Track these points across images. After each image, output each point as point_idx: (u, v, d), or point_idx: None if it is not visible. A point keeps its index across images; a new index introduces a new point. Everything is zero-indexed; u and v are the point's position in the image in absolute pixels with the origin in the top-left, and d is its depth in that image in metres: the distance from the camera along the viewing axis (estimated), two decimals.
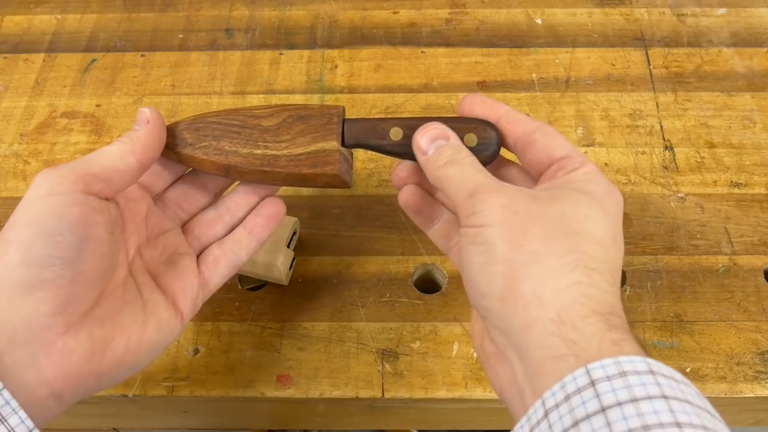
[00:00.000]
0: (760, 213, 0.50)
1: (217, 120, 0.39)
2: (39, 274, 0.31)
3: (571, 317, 0.29)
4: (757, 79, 0.58)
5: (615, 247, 0.32)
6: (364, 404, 0.44)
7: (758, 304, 0.46)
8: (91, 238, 0.33)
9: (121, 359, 0.34)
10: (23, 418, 0.30)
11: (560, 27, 0.62)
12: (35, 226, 0.31)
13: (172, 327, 0.37)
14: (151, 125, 0.37)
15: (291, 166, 0.38)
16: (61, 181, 0.32)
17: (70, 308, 0.32)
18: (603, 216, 0.32)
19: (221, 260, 0.39)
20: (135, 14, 0.64)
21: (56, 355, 0.31)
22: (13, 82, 0.59)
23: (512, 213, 0.32)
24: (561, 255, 0.31)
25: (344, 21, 0.63)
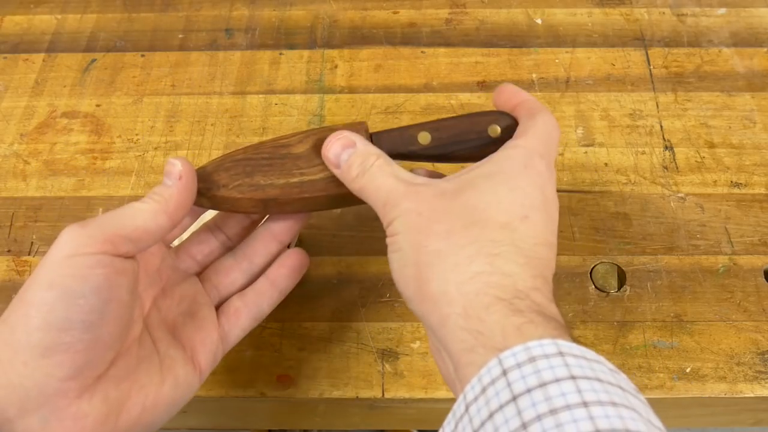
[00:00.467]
0: (760, 213, 0.50)
1: (245, 157, 0.38)
2: (58, 337, 0.29)
3: (475, 309, 0.30)
4: (757, 79, 0.58)
5: (526, 224, 0.32)
6: (364, 404, 0.44)
7: (758, 304, 0.46)
8: (114, 301, 0.31)
9: (138, 420, 0.33)
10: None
11: (560, 27, 0.62)
12: (58, 287, 0.30)
13: (190, 383, 0.35)
14: (183, 182, 0.35)
15: (331, 188, 0.37)
16: (88, 242, 0.31)
17: (86, 372, 0.31)
18: (509, 194, 0.32)
19: (242, 313, 0.38)
20: (135, 14, 0.64)
21: (69, 420, 0.30)
22: (13, 82, 0.59)
23: (417, 215, 0.32)
24: (462, 247, 0.31)
25: (344, 21, 0.63)
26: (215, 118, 0.56)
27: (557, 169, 0.52)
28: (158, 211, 0.34)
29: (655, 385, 0.43)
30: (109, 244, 0.31)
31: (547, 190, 0.34)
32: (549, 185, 0.34)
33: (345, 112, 0.56)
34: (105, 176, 0.53)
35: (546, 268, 0.32)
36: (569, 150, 0.54)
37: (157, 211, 0.34)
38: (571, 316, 0.46)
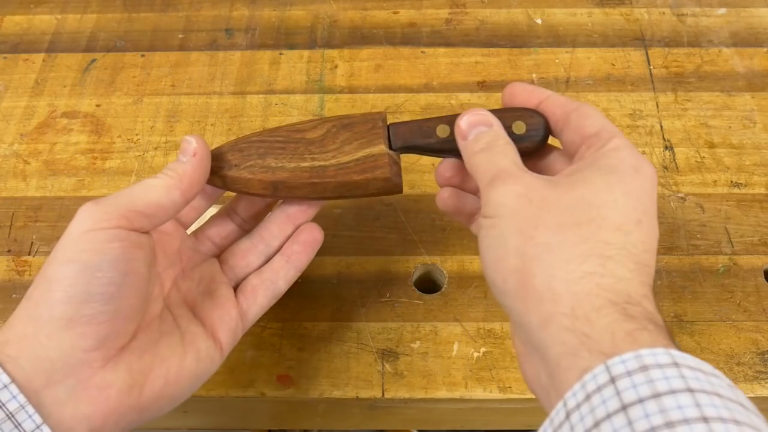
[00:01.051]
0: (760, 213, 0.50)
1: (260, 139, 0.38)
2: (80, 309, 0.31)
3: (584, 310, 0.28)
4: (757, 79, 0.58)
5: (639, 229, 0.31)
6: (364, 404, 0.44)
7: (758, 304, 0.46)
8: (131, 273, 0.32)
9: (161, 392, 0.33)
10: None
11: (560, 27, 0.62)
12: (76, 262, 0.31)
13: (212, 357, 0.36)
14: (198, 158, 0.36)
15: (341, 174, 0.37)
16: (103, 217, 0.32)
17: (109, 343, 0.32)
18: (625, 197, 0.31)
19: (259, 290, 0.39)
20: (135, 14, 0.64)
21: (94, 390, 0.31)
22: (13, 82, 0.59)
23: (527, 202, 0.31)
24: (574, 245, 0.30)
25: (344, 21, 0.63)
26: (215, 118, 0.56)
27: None
28: (171, 187, 0.34)
29: None
30: (124, 219, 0.32)
31: (655, 195, 0.33)
32: (655, 190, 0.33)
33: (345, 112, 0.56)
34: (105, 176, 0.53)
35: (651, 277, 0.31)
36: None
37: (171, 186, 0.34)
38: None
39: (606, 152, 0.33)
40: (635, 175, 0.32)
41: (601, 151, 0.33)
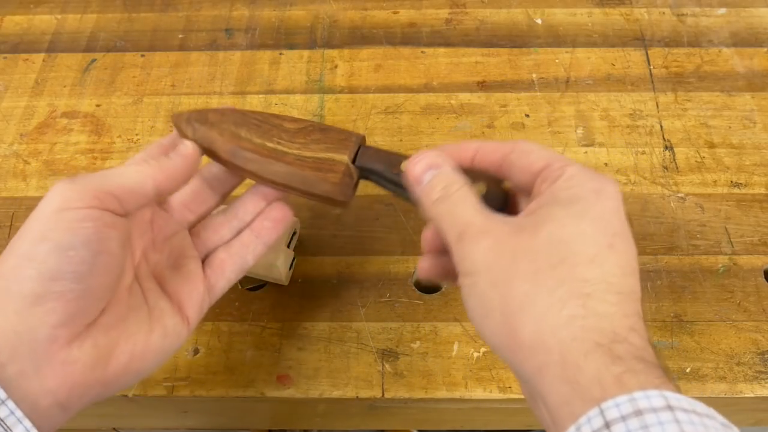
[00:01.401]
0: (760, 213, 0.50)
1: (243, 112, 0.40)
2: (49, 287, 0.31)
3: (573, 356, 0.28)
4: (757, 79, 0.58)
5: (614, 254, 0.31)
6: (364, 404, 0.44)
7: (758, 304, 0.46)
8: (104, 253, 0.32)
9: (127, 367, 0.33)
10: (28, 427, 0.30)
11: (560, 27, 0.62)
12: (49, 240, 0.31)
13: (179, 333, 0.36)
14: (186, 161, 0.36)
15: (296, 164, 0.38)
16: (75, 196, 0.32)
17: (76, 320, 0.32)
18: (591, 226, 0.31)
19: (227, 264, 0.39)
20: (135, 14, 0.64)
21: (59, 365, 0.31)
22: (13, 82, 0.59)
23: (499, 255, 0.31)
24: (553, 290, 0.29)
25: (344, 21, 0.63)
26: None
27: None
28: (146, 176, 0.35)
29: None
30: (96, 200, 0.32)
31: (623, 212, 0.32)
32: (621, 206, 0.33)
33: (345, 112, 0.56)
34: None
35: (637, 301, 0.31)
36: (569, 150, 0.54)
37: (145, 176, 0.35)
38: None
39: (563, 183, 0.32)
40: (597, 198, 0.32)
41: (557, 184, 0.32)
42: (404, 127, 0.55)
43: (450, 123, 0.55)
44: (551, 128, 0.55)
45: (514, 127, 0.55)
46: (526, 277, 0.30)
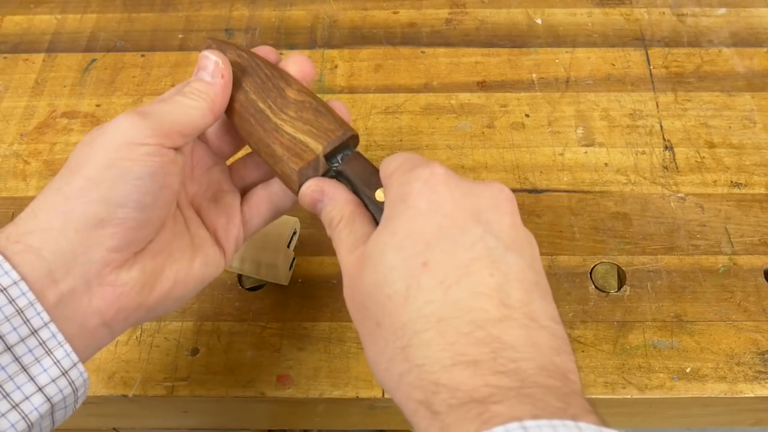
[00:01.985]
0: (760, 213, 0.50)
1: (260, 61, 0.39)
2: (114, 212, 0.32)
3: (410, 417, 0.28)
4: (757, 79, 0.58)
5: (429, 271, 0.28)
6: (364, 404, 0.44)
7: (758, 304, 0.46)
8: (166, 187, 0.33)
9: (169, 292, 0.35)
10: (68, 351, 0.31)
11: (560, 27, 0.62)
12: (118, 168, 0.32)
13: (217, 263, 0.37)
14: (226, 80, 0.36)
15: (272, 136, 0.37)
16: (148, 133, 0.33)
17: (131, 247, 0.33)
18: (399, 250, 0.29)
19: (264, 202, 0.39)
20: (135, 14, 0.64)
21: (109, 287, 0.32)
22: (13, 82, 0.59)
23: (354, 314, 0.32)
24: (383, 350, 0.29)
25: (344, 21, 0.63)
26: None
27: (557, 170, 0.52)
28: (206, 111, 0.35)
29: (655, 385, 0.43)
30: (166, 137, 0.33)
31: (444, 203, 0.30)
32: (445, 194, 0.30)
33: None
34: None
35: (470, 310, 0.28)
36: (569, 150, 0.54)
37: (206, 110, 0.35)
38: (571, 316, 0.46)
39: (385, 199, 0.32)
40: (405, 206, 0.30)
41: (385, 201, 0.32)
42: (404, 127, 0.55)
43: (450, 123, 0.55)
44: (551, 128, 0.55)
45: (514, 127, 0.55)
46: (368, 339, 0.31)
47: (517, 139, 0.54)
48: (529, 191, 0.52)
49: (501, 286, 0.28)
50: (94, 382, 0.44)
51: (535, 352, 0.27)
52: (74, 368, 0.31)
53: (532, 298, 0.29)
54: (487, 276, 0.28)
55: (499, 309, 0.28)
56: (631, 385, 0.43)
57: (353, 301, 0.32)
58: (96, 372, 0.44)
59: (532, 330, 0.28)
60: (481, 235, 0.29)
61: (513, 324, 0.28)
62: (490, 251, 0.29)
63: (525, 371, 0.26)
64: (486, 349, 0.27)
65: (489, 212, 0.30)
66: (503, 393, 0.25)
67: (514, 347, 0.27)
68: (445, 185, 0.30)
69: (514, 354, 0.27)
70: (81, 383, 0.32)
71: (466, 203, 0.30)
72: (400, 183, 0.31)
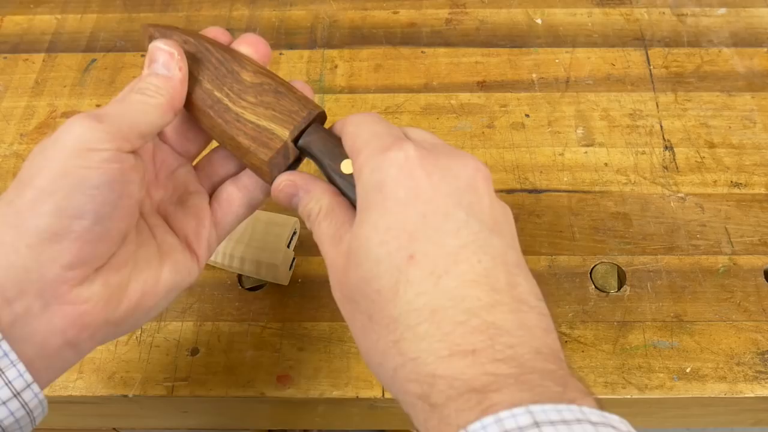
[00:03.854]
0: (760, 213, 0.50)
1: (209, 44, 0.36)
2: (68, 225, 0.29)
3: (408, 408, 0.27)
4: (757, 79, 0.58)
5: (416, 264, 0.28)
6: (364, 404, 0.44)
7: (758, 304, 0.46)
8: (126, 196, 0.31)
9: (138, 303, 0.32)
10: (21, 371, 0.29)
11: (560, 27, 0.62)
12: (73, 176, 0.29)
13: (189, 269, 0.35)
14: (183, 73, 0.34)
15: (234, 126, 0.35)
16: (104, 137, 0.30)
17: (88, 263, 0.30)
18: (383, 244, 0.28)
19: (234, 198, 0.37)
20: (135, 14, 0.64)
21: (69, 305, 0.30)
22: (13, 82, 0.59)
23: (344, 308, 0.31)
24: (375, 344, 0.28)
25: (344, 21, 0.63)
26: None
27: (557, 170, 0.52)
28: (166, 108, 0.33)
29: (655, 385, 0.43)
30: (124, 141, 0.31)
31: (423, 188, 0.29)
32: (423, 178, 0.29)
33: (345, 112, 0.56)
34: None
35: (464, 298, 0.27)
36: (569, 150, 0.54)
37: (165, 107, 0.33)
38: (571, 316, 0.46)
39: (358, 185, 0.30)
40: (381, 199, 0.29)
41: (357, 185, 0.31)
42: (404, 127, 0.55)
43: (450, 123, 0.55)
44: (551, 128, 0.55)
45: (514, 127, 0.55)
46: (361, 334, 0.30)
47: (517, 139, 0.54)
48: (529, 191, 0.52)
49: (489, 272, 0.28)
50: (94, 382, 0.44)
51: (528, 336, 0.27)
52: (28, 389, 0.29)
53: (518, 281, 0.28)
54: (475, 263, 0.28)
55: (490, 295, 0.27)
56: (631, 385, 0.43)
57: (342, 295, 0.31)
58: (96, 372, 0.44)
59: (523, 313, 0.28)
60: (465, 220, 0.28)
61: (504, 309, 0.27)
62: (475, 236, 0.28)
63: (522, 356, 0.26)
64: (483, 336, 0.27)
65: (468, 194, 0.29)
66: (502, 381, 0.25)
67: (509, 332, 0.27)
68: (421, 168, 0.29)
69: (510, 339, 0.27)
70: (36, 404, 0.30)
71: (445, 187, 0.29)
72: (371, 168, 0.30)
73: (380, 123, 0.33)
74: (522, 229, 0.50)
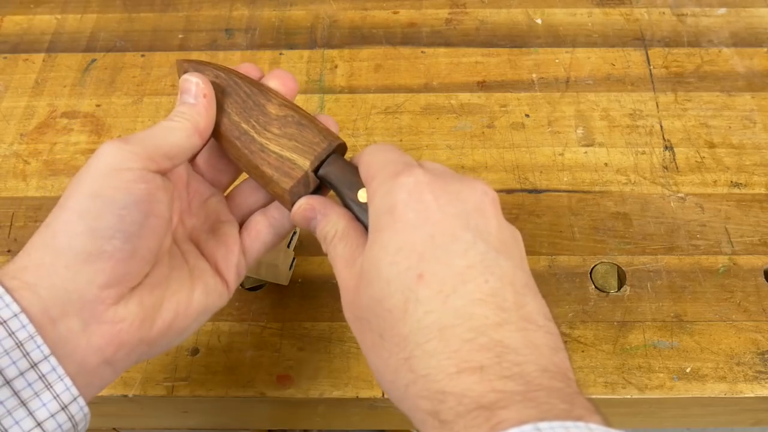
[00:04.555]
0: (760, 213, 0.50)
1: (239, 79, 0.38)
2: (102, 245, 0.31)
3: (420, 425, 0.28)
4: (757, 79, 0.58)
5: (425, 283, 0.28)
6: (364, 404, 0.44)
7: (758, 304, 0.46)
8: (154, 215, 0.32)
9: (171, 325, 0.34)
10: (68, 385, 0.30)
11: (560, 27, 0.62)
12: (102, 197, 0.31)
13: (220, 293, 0.36)
14: (208, 99, 0.36)
15: (259, 156, 0.37)
16: (131, 157, 0.32)
17: (123, 282, 0.32)
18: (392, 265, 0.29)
19: (263, 228, 0.38)
20: (135, 14, 0.64)
21: (107, 324, 0.31)
22: (13, 82, 0.59)
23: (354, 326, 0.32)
24: (387, 361, 0.29)
25: (344, 21, 0.63)
26: None
27: (557, 170, 0.52)
28: (191, 131, 0.35)
29: (655, 385, 0.43)
30: (151, 161, 0.32)
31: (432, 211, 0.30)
32: (431, 202, 0.30)
33: (345, 112, 0.56)
34: None
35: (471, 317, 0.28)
36: (569, 150, 0.54)
37: (190, 130, 0.35)
38: (571, 316, 0.46)
39: (370, 209, 0.32)
40: (391, 221, 0.30)
41: (369, 209, 0.32)
42: (404, 127, 0.55)
43: (450, 123, 0.55)
44: (551, 128, 0.55)
45: (514, 127, 0.55)
46: (372, 351, 0.30)
47: (517, 139, 0.54)
48: (529, 191, 0.52)
49: (496, 291, 0.28)
50: None
51: (536, 354, 0.27)
52: (74, 402, 0.30)
53: (526, 300, 0.29)
54: (482, 282, 0.28)
55: (497, 314, 0.28)
56: (631, 385, 0.43)
57: (353, 315, 0.32)
58: None
59: (530, 332, 0.28)
60: (472, 241, 0.29)
61: (512, 327, 0.28)
62: (482, 257, 0.29)
63: (529, 374, 0.27)
64: (490, 354, 0.27)
65: (476, 217, 0.30)
66: (509, 398, 0.26)
67: (516, 350, 0.27)
68: (430, 193, 0.30)
69: (517, 357, 0.27)
70: (81, 418, 0.31)
71: (453, 209, 0.30)
72: (383, 192, 0.31)
73: (394, 152, 0.34)
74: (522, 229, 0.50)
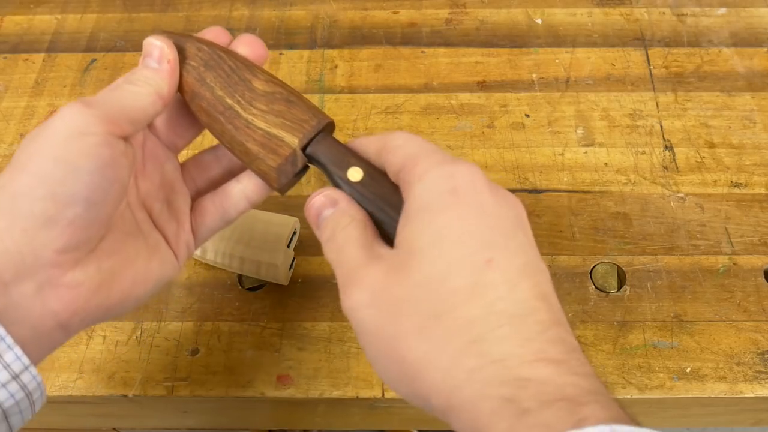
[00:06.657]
0: (760, 213, 0.50)
1: (222, 52, 0.37)
2: (62, 211, 0.30)
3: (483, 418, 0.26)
4: (757, 79, 0.58)
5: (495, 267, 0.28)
6: (364, 404, 0.44)
7: (758, 304, 0.46)
8: (117, 181, 0.32)
9: (129, 291, 0.33)
10: (19, 354, 0.29)
11: (560, 27, 0.62)
12: (66, 162, 0.30)
13: (173, 265, 0.36)
14: (172, 66, 0.35)
15: (244, 132, 0.35)
16: (95, 121, 0.31)
17: (81, 248, 0.31)
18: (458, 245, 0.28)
19: (208, 214, 0.38)
20: (135, 14, 0.64)
21: (64, 288, 0.31)
22: (13, 82, 0.59)
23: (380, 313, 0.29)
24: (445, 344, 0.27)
25: (344, 21, 0.63)
26: None
27: (557, 170, 0.52)
28: (155, 97, 0.34)
29: (655, 385, 0.43)
30: (114, 125, 0.31)
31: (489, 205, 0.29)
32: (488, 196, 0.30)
33: (345, 112, 0.56)
34: None
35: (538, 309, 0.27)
36: (569, 150, 0.54)
37: (154, 96, 0.34)
38: (571, 316, 0.46)
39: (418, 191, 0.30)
40: (455, 202, 0.29)
41: (414, 192, 0.30)
42: (404, 127, 0.55)
43: (450, 123, 0.55)
44: (551, 128, 0.55)
45: (514, 127, 0.55)
46: (415, 336, 0.28)
47: (517, 139, 0.54)
48: (529, 191, 0.52)
49: (546, 293, 0.29)
50: (94, 382, 0.44)
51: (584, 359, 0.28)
52: (26, 371, 0.30)
53: (561, 313, 0.29)
54: (535, 283, 0.29)
55: (551, 313, 0.28)
56: (631, 385, 0.43)
57: (381, 303, 0.29)
58: (96, 372, 0.44)
59: (573, 338, 0.28)
60: (525, 242, 0.30)
61: (562, 330, 0.28)
62: (533, 260, 0.29)
63: (592, 375, 0.27)
64: (560, 348, 0.27)
65: (521, 221, 0.31)
66: (586, 395, 0.25)
67: (577, 350, 0.27)
68: (487, 187, 0.30)
69: (580, 356, 0.27)
70: (35, 387, 0.30)
71: (505, 210, 0.30)
72: (443, 174, 0.30)
73: (428, 142, 0.33)
74: None
